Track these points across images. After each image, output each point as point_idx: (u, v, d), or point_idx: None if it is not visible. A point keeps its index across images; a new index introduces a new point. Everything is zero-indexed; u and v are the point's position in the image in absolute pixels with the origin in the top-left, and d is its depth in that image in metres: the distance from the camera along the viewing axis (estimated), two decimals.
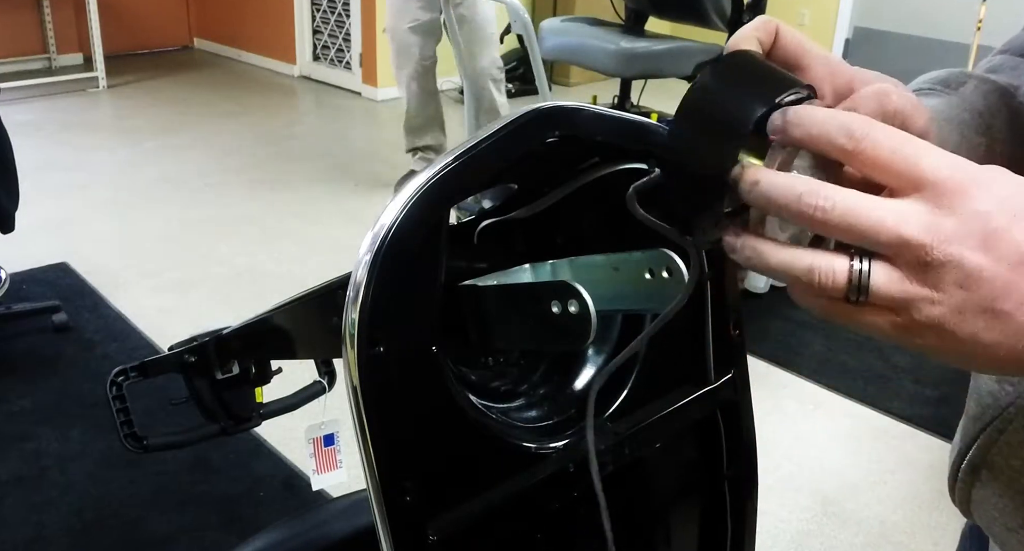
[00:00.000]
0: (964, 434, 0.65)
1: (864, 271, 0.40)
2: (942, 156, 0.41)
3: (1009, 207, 0.39)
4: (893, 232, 0.39)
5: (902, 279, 0.40)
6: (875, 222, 0.39)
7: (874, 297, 0.40)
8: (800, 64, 0.49)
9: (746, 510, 0.84)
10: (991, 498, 0.62)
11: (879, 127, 0.41)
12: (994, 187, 0.40)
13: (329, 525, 0.98)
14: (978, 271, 0.39)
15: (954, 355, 0.41)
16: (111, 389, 0.90)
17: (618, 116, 0.65)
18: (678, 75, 3.63)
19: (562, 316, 0.58)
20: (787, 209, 0.41)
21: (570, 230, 0.73)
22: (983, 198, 0.39)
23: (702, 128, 0.44)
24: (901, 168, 0.40)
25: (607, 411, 0.72)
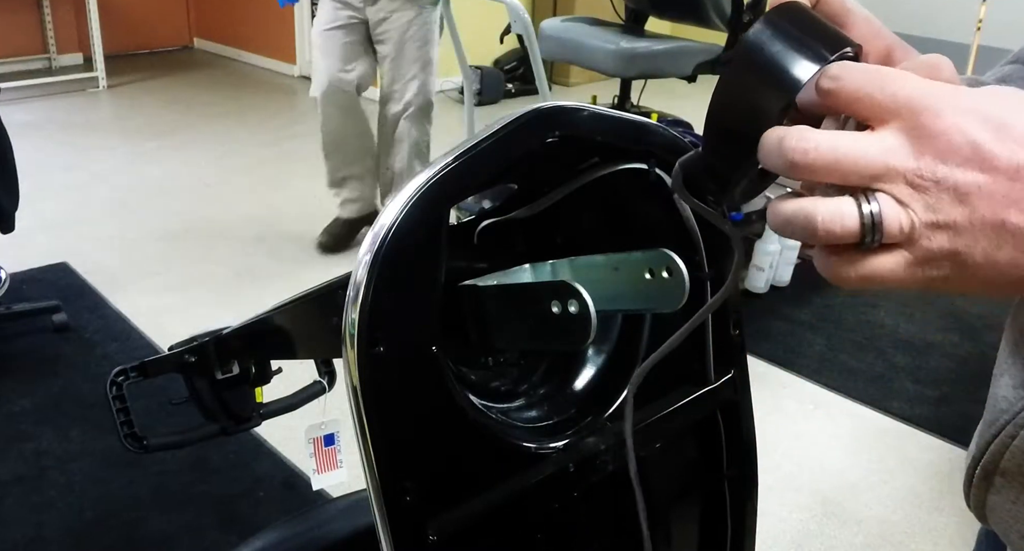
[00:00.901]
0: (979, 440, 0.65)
1: (875, 209, 0.39)
2: (910, 79, 0.40)
3: (983, 116, 0.39)
4: (880, 162, 0.39)
5: (905, 209, 0.39)
6: (860, 156, 0.39)
7: (888, 234, 0.39)
8: (844, 22, 0.48)
9: (746, 510, 0.84)
10: (1006, 504, 0.61)
11: (850, 65, 0.41)
12: (964, 100, 0.39)
13: (329, 525, 0.98)
14: (974, 186, 0.38)
15: (977, 283, 0.40)
16: (111, 389, 0.90)
17: (618, 116, 0.66)
18: (678, 75, 3.63)
19: (562, 316, 0.58)
20: (770, 157, 0.41)
21: (570, 230, 0.73)
22: (956, 111, 0.39)
23: (751, 81, 0.43)
24: (876, 98, 0.40)
25: (607, 411, 0.72)
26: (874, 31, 0.49)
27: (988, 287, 0.40)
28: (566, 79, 6.09)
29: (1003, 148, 0.38)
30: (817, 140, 0.40)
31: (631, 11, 3.83)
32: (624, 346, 0.75)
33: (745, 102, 0.43)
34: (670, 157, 0.69)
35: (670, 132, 0.69)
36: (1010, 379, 0.61)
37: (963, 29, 5.84)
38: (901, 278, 0.40)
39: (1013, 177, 0.38)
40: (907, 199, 0.39)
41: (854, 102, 0.40)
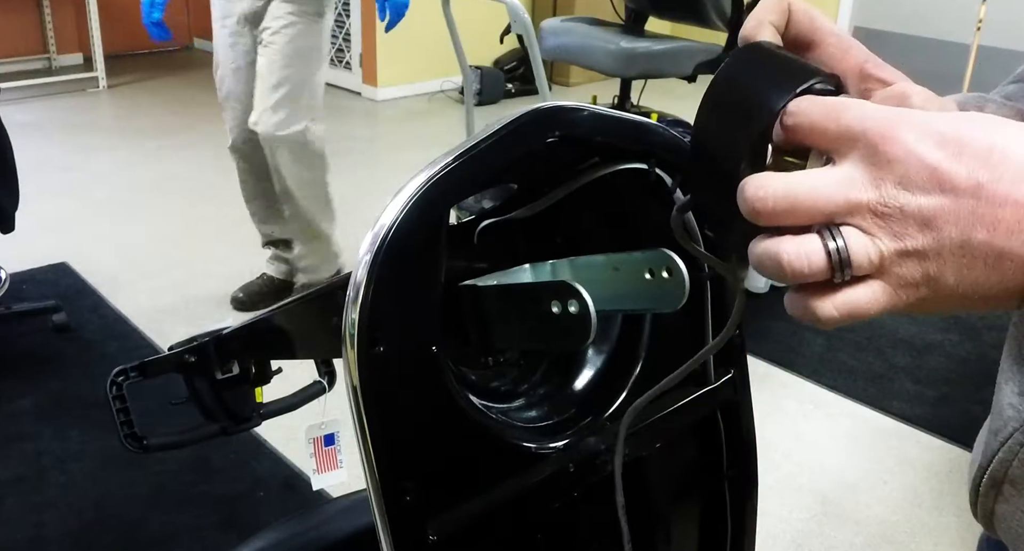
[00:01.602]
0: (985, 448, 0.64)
1: (840, 245, 0.39)
2: (865, 108, 0.40)
3: (939, 136, 0.38)
4: (840, 197, 0.39)
5: (872, 239, 0.39)
6: (818, 196, 0.39)
7: (857, 266, 0.39)
8: (813, 40, 0.48)
9: (746, 510, 0.85)
10: (1015, 514, 0.61)
11: (808, 100, 0.41)
12: (918, 123, 0.39)
13: (329, 525, 0.98)
14: (937, 209, 0.38)
15: (956, 301, 0.40)
16: (111, 389, 0.90)
17: (618, 116, 0.66)
18: (678, 75, 3.63)
19: (562, 316, 0.58)
20: (741, 209, 0.40)
21: (570, 230, 0.73)
22: (910, 136, 0.38)
23: (719, 124, 0.44)
24: (831, 130, 0.40)
25: (607, 411, 0.72)
26: (844, 48, 0.49)
27: (967, 303, 0.40)
28: (566, 79, 6.09)
29: (961, 167, 0.38)
30: (774, 186, 0.39)
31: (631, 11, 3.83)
32: (624, 346, 0.75)
33: (716, 145, 0.43)
34: (670, 157, 0.69)
35: (670, 132, 0.69)
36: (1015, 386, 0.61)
37: (963, 29, 5.83)
38: (881, 307, 0.40)
39: (975, 195, 0.38)
40: (873, 229, 0.39)
41: (814, 136, 0.41)
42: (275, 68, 2.72)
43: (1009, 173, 0.37)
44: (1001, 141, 0.38)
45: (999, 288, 0.39)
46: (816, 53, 0.48)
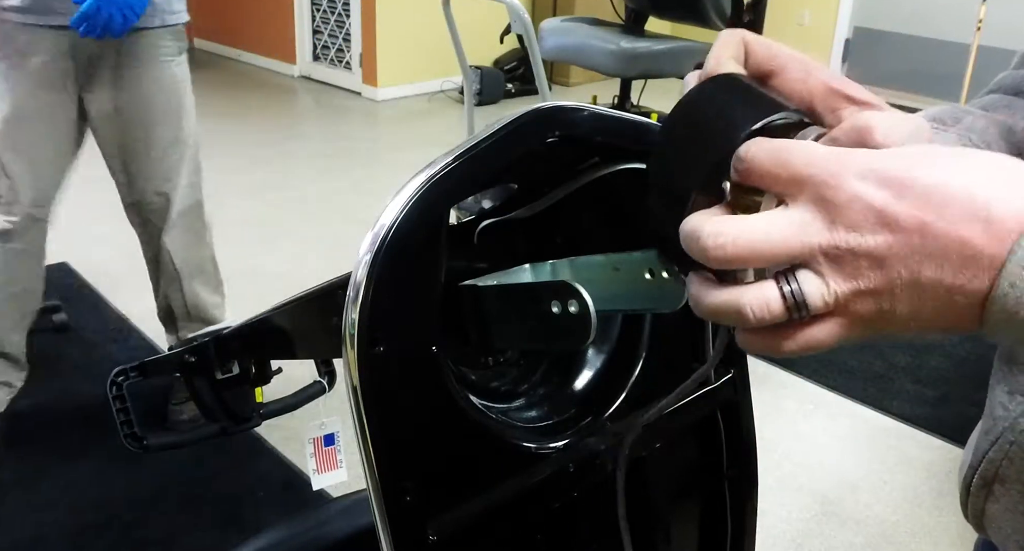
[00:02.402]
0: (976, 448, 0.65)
1: (795, 289, 0.40)
2: (809, 152, 0.41)
3: (881, 178, 0.39)
4: (796, 243, 0.40)
5: (825, 279, 0.40)
6: (776, 241, 0.40)
7: (814, 307, 0.40)
8: (773, 68, 0.49)
9: (746, 510, 0.85)
10: (1005, 514, 0.61)
11: (756, 144, 0.42)
12: (861, 165, 0.40)
13: (329, 525, 0.98)
14: (885, 248, 0.39)
15: (915, 330, 0.41)
16: (111, 389, 0.90)
17: (618, 116, 0.66)
18: (678, 75, 3.62)
19: (562, 316, 0.58)
20: (691, 251, 0.42)
21: (570, 230, 0.73)
22: (853, 179, 0.39)
23: (679, 153, 0.44)
24: (780, 175, 0.41)
25: (607, 411, 0.72)
26: (806, 71, 0.49)
27: (927, 331, 0.41)
28: (566, 79, 6.09)
29: (904, 207, 0.38)
30: (732, 233, 0.40)
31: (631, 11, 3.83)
32: (624, 346, 0.75)
33: (673, 171, 0.44)
34: None
35: None
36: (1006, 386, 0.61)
37: (963, 29, 5.83)
38: (838, 340, 0.42)
39: (921, 233, 0.38)
40: (828, 271, 0.40)
41: (764, 180, 0.41)
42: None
43: (952, 211, 0.38)
44: (945, 178, 0.39)
45: (955, 319, 0.40)
46: (779, 80, 0.49)
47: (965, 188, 0.38)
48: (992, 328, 0.39)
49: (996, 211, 0.38)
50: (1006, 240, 0.37)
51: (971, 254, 0.38)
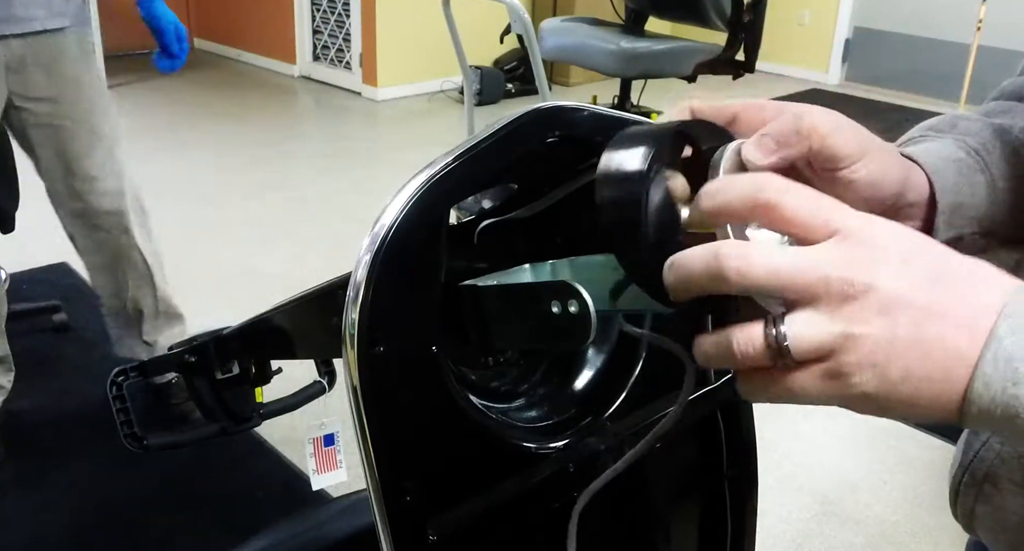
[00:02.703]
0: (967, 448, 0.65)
1: (780, 332, 0.40)
2: (849, 210, 0.42)
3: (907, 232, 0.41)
4: (815, 272, 0.39)
5: (823, 321, 0.40)
6: (796, 269, 0.40)
7: (797, 351, 0.40)
8: (728, 117, 0.51)
9: (746, 510, 0.85)
10: (995, 513, 0.61)
11: (794, 187, 0.42)
12: (890, 226, 0.41)
13: (329, 525, 0.98)
14: (896, 294, 0.39)
15: (898, 403, 0.40)
16: (111, 389, 0.90)
17: (618, 116, 0.66)
18: (678, 75, 3.63)
19: (562, 316, 0.58)
20: (708, 276, 0.41)
21: (570, 230, 0.72)
22: (887, 234, 0.41)
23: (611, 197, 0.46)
24: (814, 221, 0.41)
25: (607, 411, 0.72)
26: (758, 108, 0.52)
27: (907, 408, 0.40)
28: (566, 79, 6.09)
29: (928, 258, 0.40)
30: (752, 255, 0.40)
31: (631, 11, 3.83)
32: (624, 346, 0.74)
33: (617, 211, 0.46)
34: None
35: None
36: None
37: (963, 29, 5.83)
38: (814, 394, 0.41)
39: (934, 286, 0.39)
40: (831, 308, 0.40)
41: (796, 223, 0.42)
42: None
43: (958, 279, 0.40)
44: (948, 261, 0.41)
45: (944, 394, 0.40)
46: (737, 124, 0.51)
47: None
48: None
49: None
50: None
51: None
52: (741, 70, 3.64)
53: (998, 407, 0.38)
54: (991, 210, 0.63)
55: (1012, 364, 0.37)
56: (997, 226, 0.64)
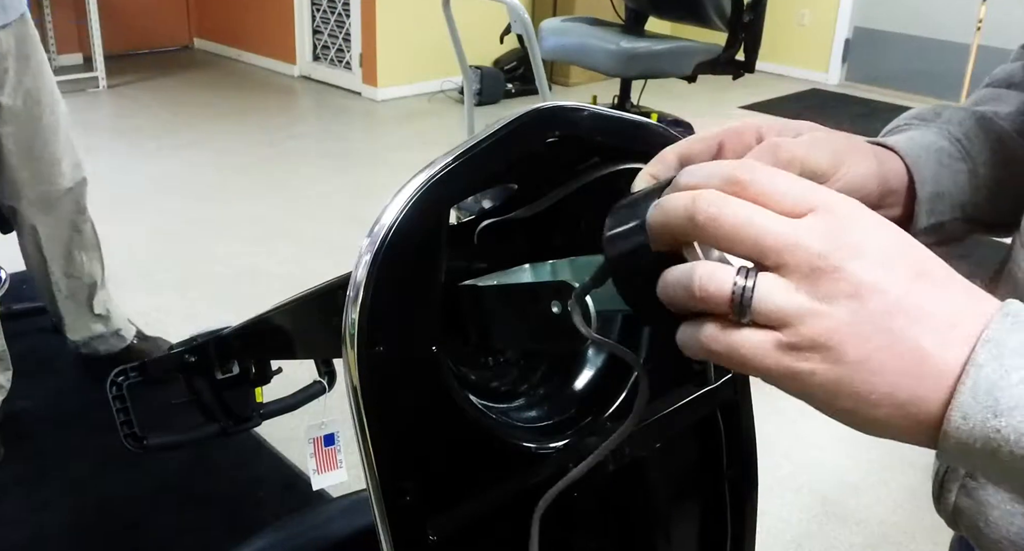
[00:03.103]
0: None
1: (748, 285, 0.38)
2: (830, 190, 0.40)
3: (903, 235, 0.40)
4: (790, 237, 0.38)
5: (789, 289, 0.38)
6: (769, 227, 0.38)
7: (758, 309, 0.38)
8: (715, 149, 0.52)
9: (746, 510, 0.84)
10: (977, 508, 0.61)
11: (769, 168, 0.40)
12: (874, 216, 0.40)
13: (329, 525, 0.98)
14: (870, 280, 0.37)
15: (845, 394, 0.38)
16: (111, 389, 0.90)
17: (618, 116, 0.66)
18: (678, 75, 3.63)
19: (562, 316, 0.58)
20: (685, 217, 0.39)
21: (570, 230, 0.72)
22: (870, 222, 0.39)
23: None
24: (791, 193, 0.39)
25: (607, 411, 0.72)
26: (737, 132, 0.53)
27: (869, 407, 0.38)
28: (566, 79, 6.09)
29: (911, 253, 0.39)
30: (726, 206, 0.39)
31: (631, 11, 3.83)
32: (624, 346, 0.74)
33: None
34: None
35: (670, 132, 0.69)
36: None
37: (963, 29, 5.83)
38: (759, 363, 0.38)
39: (913, 281, 0.38)
40: (800, 279, 0.37)
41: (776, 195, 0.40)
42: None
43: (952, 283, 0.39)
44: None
45: (912, 403, 0.37)
46: (723, 152, 0.52)
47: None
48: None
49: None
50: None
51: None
52: (741, 70, 3.64)
53: (977, 440, 0.36)
54: (973, 197, 0.64)
55: (992, 394, 0.35)
56: (979, 212, 0.65)
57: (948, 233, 0.65)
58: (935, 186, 0.61)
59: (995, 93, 0.71)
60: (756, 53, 3.59)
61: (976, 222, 0.65)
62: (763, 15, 3.50)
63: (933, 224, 0.62)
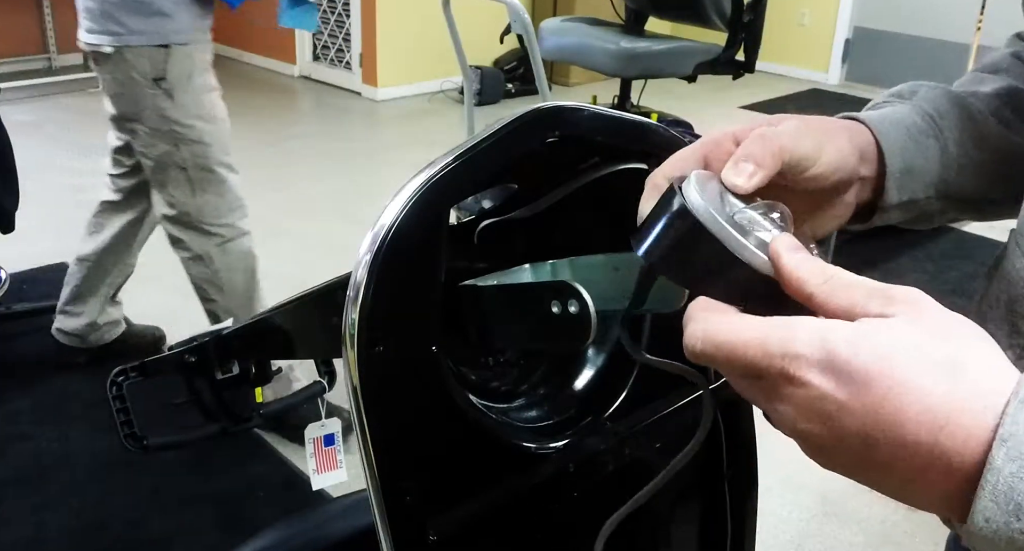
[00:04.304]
0: None
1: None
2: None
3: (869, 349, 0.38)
4: (759, 352, 0.40)
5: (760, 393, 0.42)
6: (744, 344, 0.41)
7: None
8: (702, 161, 0.53)
9: (746, 510, 0.84)
10: None
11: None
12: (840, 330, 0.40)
13: (329, 525, 0.98)
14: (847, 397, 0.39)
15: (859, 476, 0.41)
16: (111, 389, 0.90)
17: (618, 116, 0.66)
18: (678, 75, 3.63)
19: (562, 316, 0.58)
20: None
21: (570, 230, 0.72)
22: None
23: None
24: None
25: (607, 411, 0.72)
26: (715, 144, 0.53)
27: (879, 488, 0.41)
28: (566, 79, 6.09)
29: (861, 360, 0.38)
30: (701, 333, 0.42)
31: (631, 11, 3.83)
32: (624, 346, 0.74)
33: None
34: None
35: (670, 132, 0.69)
36: None
37: (963, 29, 5.84)
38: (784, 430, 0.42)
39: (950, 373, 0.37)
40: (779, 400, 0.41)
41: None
42: None
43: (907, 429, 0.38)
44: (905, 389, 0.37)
45: (929, 505, 0.40)
46: (709, 164, 0.53)
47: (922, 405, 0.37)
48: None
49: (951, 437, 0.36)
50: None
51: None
52: (741, 70, 3.64)
53: (1002, 540, 0.36)
54: (944, 173, 0.65)
55: (1014, 499, 0.35)
56: (951, 189, 0.66)
57: (922, 211, 0.66)
58: (903, 161, 0.62)
59: (979, 77, 0.72)
60: (756, 53, 3.59)
61: (949, 200, 0.66)
62: (763, 15, 3.50)
63: (905, 201, 0.63)
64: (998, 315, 0.63)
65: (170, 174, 2.27)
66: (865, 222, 0.65)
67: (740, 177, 0.48)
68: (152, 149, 2.27)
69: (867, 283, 0.40)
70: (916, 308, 0.38)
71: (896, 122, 0.63)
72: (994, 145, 0.66)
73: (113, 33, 2.24)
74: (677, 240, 0.45)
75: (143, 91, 2.24)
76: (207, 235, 2.32)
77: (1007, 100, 0.68)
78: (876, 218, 0.64)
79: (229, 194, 2.31)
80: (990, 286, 0.66)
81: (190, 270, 2.39)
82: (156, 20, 2.26)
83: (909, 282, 0.41)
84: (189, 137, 2.27)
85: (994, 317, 0.64)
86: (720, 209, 0.45)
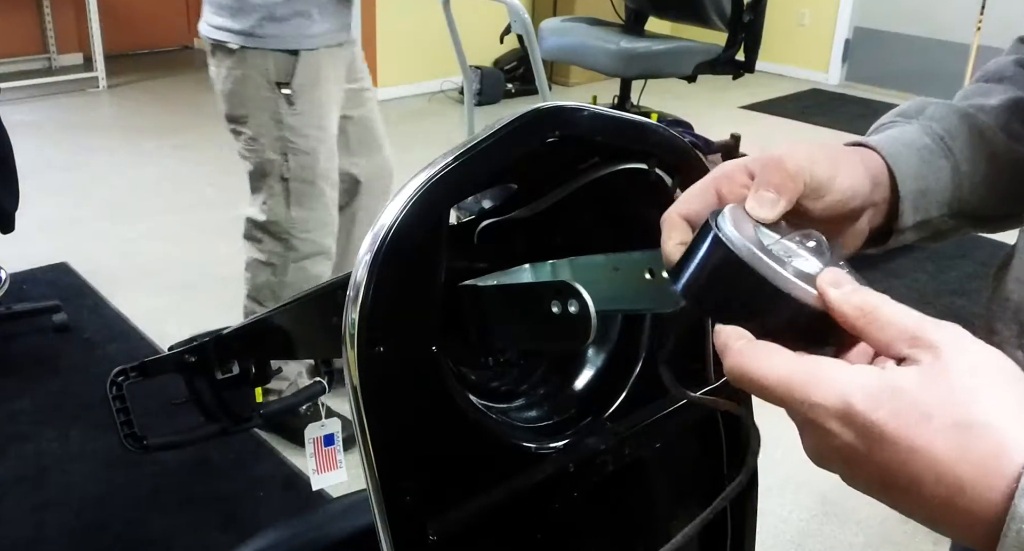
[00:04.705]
0: None
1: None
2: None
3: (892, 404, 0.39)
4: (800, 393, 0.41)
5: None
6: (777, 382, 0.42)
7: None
8: (715, 198, 0.52)
9: (746, 510, 0.85)
10: None
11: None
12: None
13: (329, 525, 0.98)
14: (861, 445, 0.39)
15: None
16: (111, 389, 0.90)
17: (618, 116, 0.66)
18: (678, 75, 3.63)
19: (562, 316, 0.58)
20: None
21: (570, 230, 0.72)
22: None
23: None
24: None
25: (607, 411, 0.72)
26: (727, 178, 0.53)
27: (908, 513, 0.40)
28: (566, 79, 6.09)
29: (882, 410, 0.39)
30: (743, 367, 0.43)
31: (631, 11, 3.83)
32: (624, 346, 0.75)
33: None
34: (670, 157, 0.69)
35: (670, 132, 0.69)
36: None
37: (963, 29, 5.83)
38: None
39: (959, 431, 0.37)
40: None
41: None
42: (378, 115, 2.50)
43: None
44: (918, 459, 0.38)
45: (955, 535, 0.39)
46: (722, 198, 0.52)
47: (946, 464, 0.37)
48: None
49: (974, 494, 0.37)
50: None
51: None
52: (741, 70, 3.64)
53: None
54: (957, 193, 0.65)
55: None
56: (964, 207, 0.66)
57: (937, 229, 0.66)
58: (917, 183, 0.62)
59: (984, 88, 0.71)
60: (756, 53, 3.59)
61: (963, 217, 0.66)
62: (763, 15, 3.50)
63: (920, 221, 0.63)
64: (1007, 315, 0.63)
65: (269, 183, 2.15)
66: (880, 246, 0.65)
67: (764, 208, 0.48)
68: (256, 154, 2.15)
69: (901, 322, 0.41)
70: (940, 356, 0.39)
71: (906, 144, 0.62)
72: (1005, 161, 0.66)
73: (242, 32, 2.03)
74: (718, 277, 0.45)
75: (259, 93, 2.09)
76: (288, 246, 2.18)
77: (1015, 113, 0.68)
78: (892, 241, 0.64)
79: (323, 210, 2.18)
80: (998, 286, 0.66)
81: (253, 272, 2.25)
82: (293, 22, 2.03)
83: (909, 282, 0.41)
84: (300, 148, 2.11)
85: (1003, 317, 0.64)
86: (757, 242, 0.44)
